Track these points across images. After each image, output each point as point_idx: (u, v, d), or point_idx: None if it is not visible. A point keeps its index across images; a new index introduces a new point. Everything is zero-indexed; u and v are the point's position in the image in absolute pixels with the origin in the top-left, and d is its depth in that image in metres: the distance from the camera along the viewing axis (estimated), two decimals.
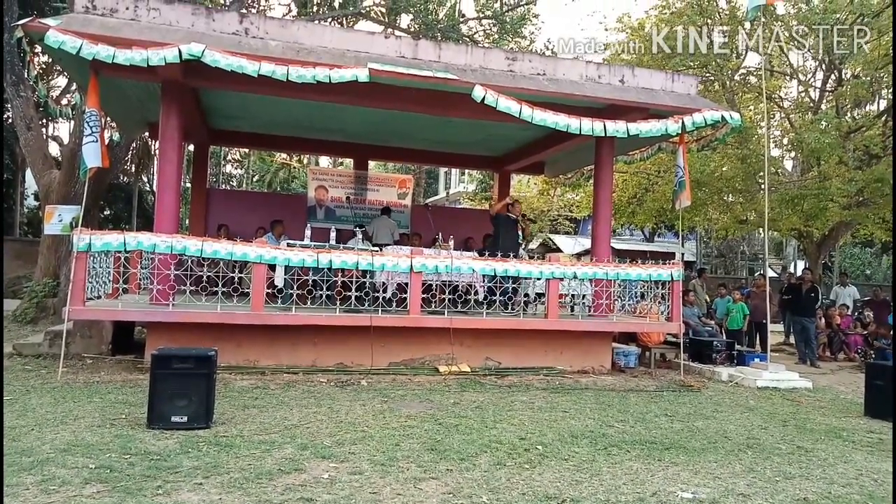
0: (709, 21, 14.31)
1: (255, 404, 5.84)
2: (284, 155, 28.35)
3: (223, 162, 29.72)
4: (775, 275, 22.89)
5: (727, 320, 11.66)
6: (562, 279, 8.35)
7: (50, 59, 16.60)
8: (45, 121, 16.74)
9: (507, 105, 7.79)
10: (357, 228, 9.26)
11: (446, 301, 8.07)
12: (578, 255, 16.94)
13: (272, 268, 7.67)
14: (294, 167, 31.10)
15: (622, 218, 19.02)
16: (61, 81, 21.90)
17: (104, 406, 5.52)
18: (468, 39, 17.56)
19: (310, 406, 5.87)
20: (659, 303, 8.80)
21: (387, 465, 4.25)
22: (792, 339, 12.59)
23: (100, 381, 6.62)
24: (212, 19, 7.78)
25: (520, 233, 9.19)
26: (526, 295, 8.74)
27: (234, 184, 32.94)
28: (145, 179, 28.72)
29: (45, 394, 5.91)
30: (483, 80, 7.95)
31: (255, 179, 33.16)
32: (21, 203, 26.33)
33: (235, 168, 33.07)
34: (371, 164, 14.23)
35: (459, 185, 31.68)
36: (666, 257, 16.52)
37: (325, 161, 27.94)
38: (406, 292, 7.94)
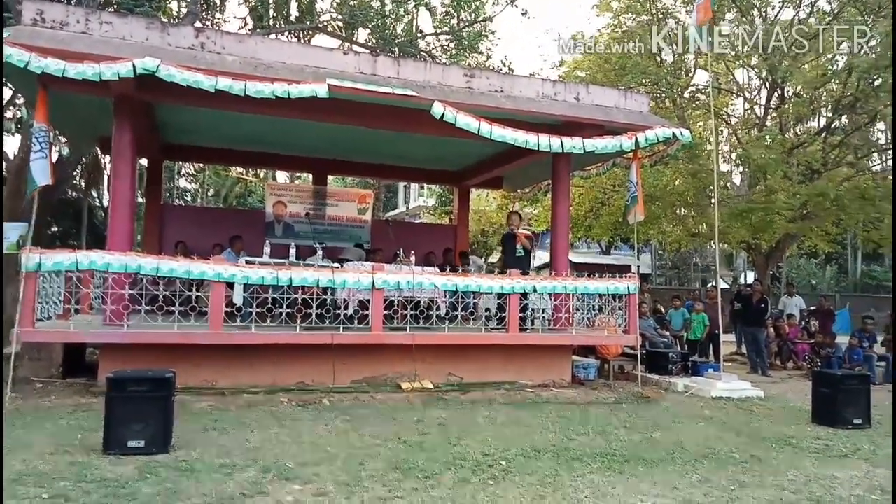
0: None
1: (215, 426, 5.73)
2: (241, 169, 27.92)
3: (177, 176, 29.09)
4: (727, 286, 23.62)
5: (689, 331, 11.92)
6: (522, 293, 8.45)
7: None
8: None
9: (466, 122, 7.89)
10: (317, 245, 9.19)
11: (408, 317, 8.07)
12: (538, 269, 17.14)
13: (231, 285, 7.54)
14: (251, 181, 30.65)
15: (579, 231, 19.39)
16: (5, 93, 21.16)
17: (56, 432, 5.34)
18: (426, 55, 17.70)
19: (271, 427, 5.79)
20: (616, 315, 8.98)
21: (352, 485, 4.23)
22: (744, 349, 12.99)
23: (51, 406, 6.40)
24: (167, 33, 7.68)
25: (518, 246, 9.14)
26: (487, 310, 8.82)
27: (189, 199, 32.23)
28: (95, 195, 27.87)
29: None
30: (442, 97, 8.03)
31: (210, 194, 32.54)
32: None
33: (190, 182, 32.38)
34: (330, 178, 14.13)
35: (419, 199, 31.80)
36: (622, 270, 16.82)
37: (282, 175, 27.66)
38: (368, 309, 7.91)
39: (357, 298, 8.11)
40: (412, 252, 9.26)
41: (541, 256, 19.80)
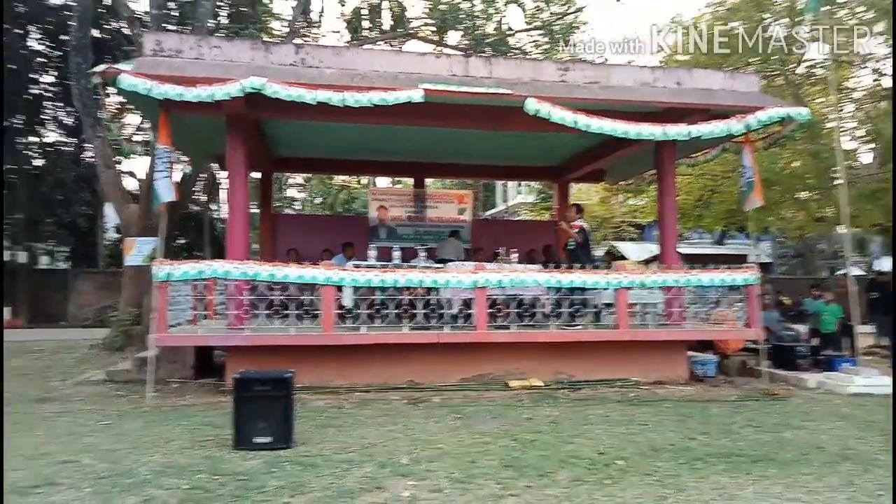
0: (766, 15, 13.83)
1: (332, 423, 5.96)
2: (344, 177, 28.99)
3: (285, 187, 30.66)
4: (861, 273, 21.64)
5: (819, 323, 11.04)
6: (630, 288, 8.17)
7: (124, 100, 17.65)
8: (121, 158, 17.77)
9: (561, 116, 7.75)
10: (419, 247, 9.35)
11: (512, 315, 8.03)
12: (646, 262, 16.54)
13: (340, 289, 7.84)
14: (354, 188, 31.74)
15: (689, 221, 18.49)
16: (134, 119, 23.20)
17: (192, 428, 5.75)
18: (518, 52, 17.56)
19: (385, 424, 5.95)
20: (735, 308, 8.48)
21: (465, 482, 4.26)
22: (885, 342, 11.86)
23: (186, 405, 6.91)
24: (270, 52, 8.08)
25: (570, 240, 8.96)
26: (595, 306, 8.60)
27: (298, 207, 33.88)
28: (214, 208, 29.90)
29: (137, 418, 6.21)
30: (535, 93, 7.93)
31: (317, 202, 34.00)
32: (102, 236, 27.87)
33: (298, 192, 34.03)
34: (428, 181, 14.37)
35: (518, 197, 31.58)
36: (738, 260, 15.86)
37: (383, 181, 28.41)
38: (472, 308, 7.95)
39: (461, 298, 8.18)
40: (514, 250, 9.21)
41: (649, 249, 19.14)
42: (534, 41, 18.42)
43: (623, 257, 20.32)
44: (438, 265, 8.49)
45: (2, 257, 8.79)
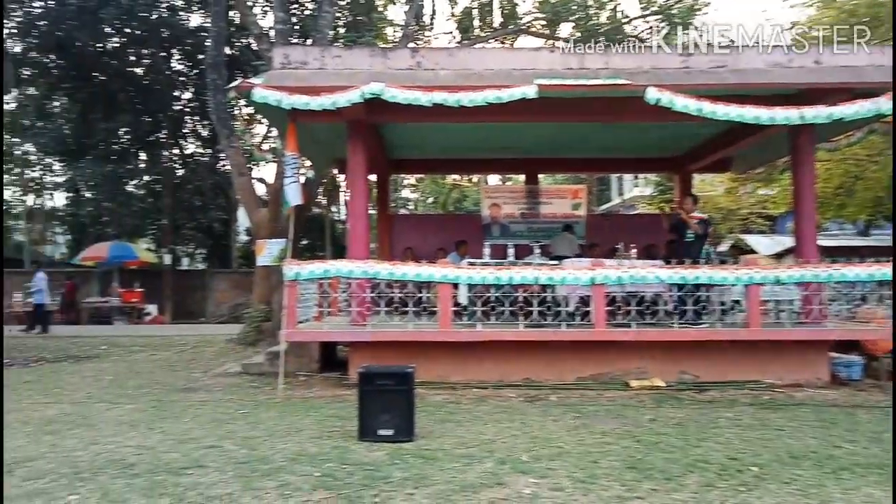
0: None
1: (450, 419, 6.06)
2: (456, 176, 29.38)
3: (400, 188, 31.57)
4: None
5: None
6: (762, 284, 7.65)
7: (253, 111, 18.98)
8: (251, 166, 19.09)
9: (685, 104, 7.40)
10: (533, 244, 9.28)
11: (633, 313, 7.78)
12: (778, 256, 15.40)
13: (456, 286, 7.95)
14: (465, 187, 32.10)
15: (828, 211, 17.02)
16: (260, 129, 24.83)
17: (320, 419, 6.07)
18: (635, 40, 16.94)
19: (502, 421, 5.97)
20: (885, 305, 7.70)
21: (587, 482, 4.18)
22: None
23: (313, 397, 7.30)
24: (387, 58, 8.34)
25: (689, 232, 8.50)
26: (722, 303, 8.14)
27: (411, 207, 34.79)
28: (334, 210, 31.36)
29: (270, 408, 6.65)
30: (656, 81, 7.63)
31: (429, 202, 34.73)
32: (235, 239, 30.07)
33: (411, 192, 34.93)
34: (541, 176, 14.24)
35: (634, 190, 30.53)
36: (885, 253, 14.33)
37: (494, 179, 28.48)
38: (589, 305, 7.79)
39: (577, 295, 8.03)
40: (632, 245, 8.91)
41: (782, 242, 17.83)
42: (651, 27, 17.70)
43: (752, 251, 19.06)
44: (553, 262, 8.39)
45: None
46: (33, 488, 4.10)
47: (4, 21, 23.15)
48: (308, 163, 12.92)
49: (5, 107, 29.09)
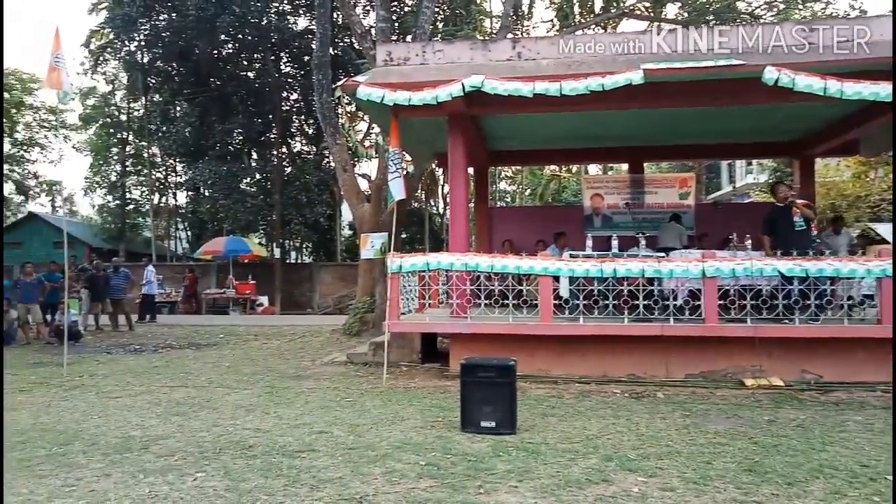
0: None
1: (552, 413, 5.99)
2: (554, 167, 28.95)
3: (499, 180, 31.50)
4: None
5: None
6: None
7: (354, 108, 19.62)
8: (355, 162, 19.74)
9: (807, 83, 6.87)
10: (639, 235, 8.97)
11: (748, 307, 7.33)
12: None
13: (557, 279, 7.83)
14: (563, 178, 31.56)
15: None
16: (361, 126, 25.60)
17: (422, 409, 6.18)
18: (748, 17, 15.93)
19: (607, 417, 5.82)
20: None
21: (700, 483, 3.99)
22: None
23: (416, 387, 7.45)
24: (487, 50, 8.31)
25: (795, 218, 7.84)
26: (850, 298, 7.51)
27: (508, 199, 34.65)
28: (432, 203, 31.82)
29: (375, 397, 6.86)
30: (774, 60, 7.13)
31: (527, 193, 34.46)
32: (340, 233, 31.24)
33: (509, 184, 34.79)
34: (645, 165, 13.70)
35: (747, 177, 28.78)
36: None
37: (594, 168, 27.81)
38: (699, 299, 7.43)
39: (686, 288, 7.69)
40: (747, 236, 8.41)
41: None
42: (768, 2, 16.57)
43: (882, 240, 17.47)
44: (660, 254, 8.07)
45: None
46: (165, 464, 4.46)
47: (134, 35, 25.24)
48: (408, 157, 13.14)
49: (135, 114, 31.75)
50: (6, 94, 15.21)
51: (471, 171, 13.80)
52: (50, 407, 6.54)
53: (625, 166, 13.69)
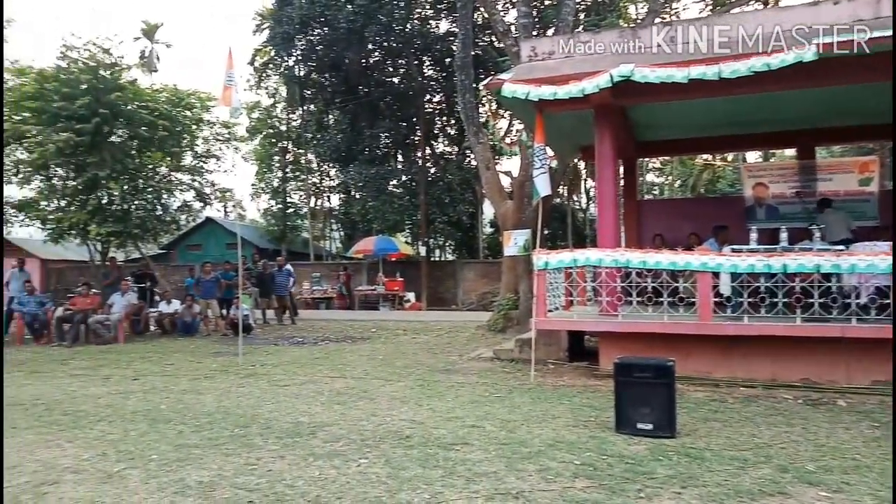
0: None
1: (715, 417, 5.62)
2: (707, 156, 27.19)
3: (646, 171, 30.21)
4: None
5: None
6: None
7: (495, 107, 19.77)
8: (497, 160, 19.88)
9: None
10: (814, 227, 8.13)
11: None
12: None
13: (717, 275, 7.33)
14: (717, 167, 29.55)
15: None
16: (501, 124, 25.69)
17: (573, 408, 6.07)
18: None
19: (778, 425, 5.35)
20: None
21: None
22: None
23: (564, 385, 7.34)
24: (637, 37, 7.97)
25: None
26: None
27: (657, 192, 33.08)
28: (574, 199, 31.22)
29: (523, 394, 6.84)
30: None
31: (677, 185, 32.69)
32: (482, 231, 31.63)
33: (657, 176, 33.22)
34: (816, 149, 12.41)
35: None
36: None
37: (752, 156, 25.77)
38: (888, 297, 6.59)
39: (872, 285, 6.86)
40: None
41: None
42: None
43: None
44: (838, 247, 7.27)
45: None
46: (332, 450, 4.76)
47: (292, 51, 27.28)
48: (551, 153, 12.97)
49: (293, 124, 34.34)
50: (188, 112, 16.99)
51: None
52: (230, 392, 7.24)
53: (790, 152, 12.50)
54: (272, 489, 3.90)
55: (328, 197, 36.46)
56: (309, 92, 30.79)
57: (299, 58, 28.58)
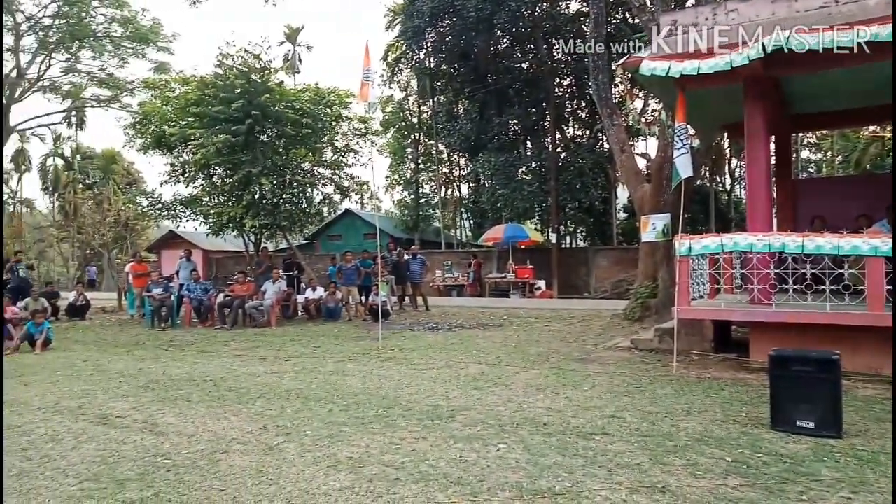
0: None
1: (888, 418, 5.06)
2: (873, 127, 24.35)
3: (801, 147, 27.65)
4: None
5: None
6: None
7: (630, 86, 18.99)
8: (633, 142, 19.12)
9: None
10: None
11: None
12: None
13: (890, 261, 6.56)
14: (887, 139, 26.36)
15: None
16: (636, 104, 24.62)
17: (721, 402, 5.73)
18: None
19: None
20: None
21: None
22: None
23: (710, 377, 6.95)
24: (794, 1, 7.29)
25: None
26: None
27: (813, 170, 30.19)
28: (717, 180, 29.28)
29: (665, 385, 6.56)
30: None
31: (837, 161, 29.63)
32: (615, 216, 30.61)
33: (813, 152, 30.30)
34: None
35: None
36: None
37: None
38: None
39: None
40: None
41: None
42: None
43: None
44: None
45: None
46: (471, 433, 4.86)
47: (423, 43, 27.86)
48: (692, 131, 12.24)
49: (424, 115, 35.13)
50: (327, 110, 17.92)
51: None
52: (371, 374, 7.60)
53: None
54: (416, 468, 4.06)
55: (458, 186, 37.04)
56: (439, 83, 31.37)
57: (429, 50, 29.17)
